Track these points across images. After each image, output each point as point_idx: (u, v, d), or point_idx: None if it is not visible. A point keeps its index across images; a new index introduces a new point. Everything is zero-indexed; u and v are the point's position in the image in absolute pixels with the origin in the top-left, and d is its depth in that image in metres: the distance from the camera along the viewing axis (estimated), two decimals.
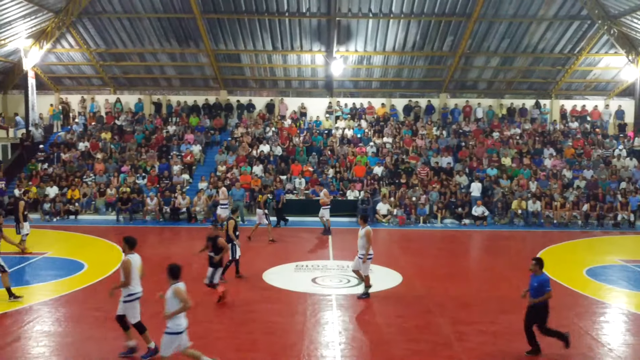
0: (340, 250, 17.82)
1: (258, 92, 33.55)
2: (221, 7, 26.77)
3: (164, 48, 29.60)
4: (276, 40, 28.80)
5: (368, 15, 27.13)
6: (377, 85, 32.91)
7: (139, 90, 33.27)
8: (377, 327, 10.74)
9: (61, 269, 15.31)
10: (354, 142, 28.95)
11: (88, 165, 27.08)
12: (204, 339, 9.95)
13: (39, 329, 10.52)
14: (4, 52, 28.59)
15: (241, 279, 13.99)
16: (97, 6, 27.02)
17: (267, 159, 27.31)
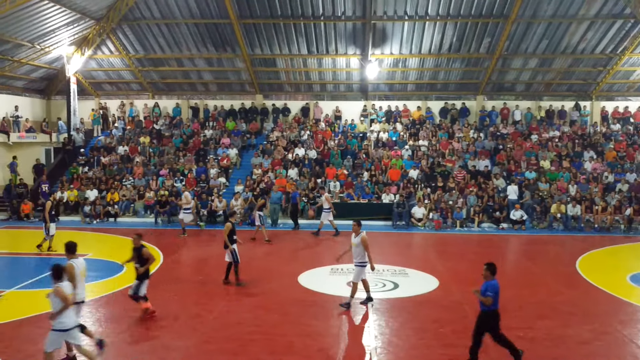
0: (376, 254, 17.60)
1: (293, 96, 33.71)
2: (257, 12, 27.00)
3: (201, 53, 30.01)
4: (311, 44, 28.90)
5: (404, 17, 26.99)
6: (412, 88, 32.70)
7: (176, 95, 33.79)
8: (414, 331, 10.64)
9: (101, 270, 15.63)
10: (389, 145, 28.81)
11: (127, 169, 27.64)
12: (239, 340, 10.03)
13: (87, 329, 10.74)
14: (49, 60, 29.41)
15: (228, 284, 13.79)
16: (136, 13, 27.57)
17: (302, 162, 27.41)
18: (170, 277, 14.73)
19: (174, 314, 11.45)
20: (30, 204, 24.84)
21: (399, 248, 19.59)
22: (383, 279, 14.39)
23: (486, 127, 30.32)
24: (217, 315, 11.43)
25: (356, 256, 11.99)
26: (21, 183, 26.85)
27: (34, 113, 31.43)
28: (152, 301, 11.75)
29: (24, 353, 9.23)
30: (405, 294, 13.10)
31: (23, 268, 16.42)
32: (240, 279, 13.76)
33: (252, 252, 18.51)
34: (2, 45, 25.75)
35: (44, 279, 14.64)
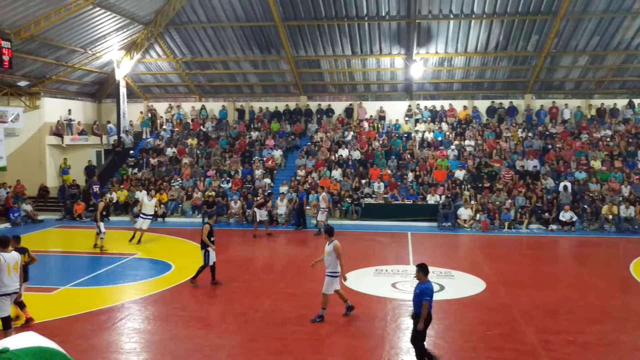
0: (420, 255, 17.59)
1: (337, 97, 33.78)
2: (301, 14, 27.17)
3: (247, 56, 30.38)
4: (355, 44, 28.89)
5: (449, 16, 26.70)
6: (458, 87, 32.29)
7: (223, 98, 34.32)
8: (460, 334, 10.52)
9: (150, 269, 16.02)
10: (435, 146, 28.53)
11: (175, 170, 28.21)
12: (284, 340, 10.12)
13: (130, 326, 11.05)
14: (99, 64, 30.31)
15: (217, 285, 13.85)
16: (183, 17, 28.12)
17: (345, 163, 27.42)
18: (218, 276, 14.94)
19: (221, 312, 11.64)
20: (82, 205, 25.64)
21: (444, 250, 19.39)
22: None
23: (534, 127, 29.68)
24: (262, 315, 11.56)
25: (328, 265, 11.13)
26: (74, 184, 27.77)
27: (86, 116, 32.46)
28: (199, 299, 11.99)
29: (78, 348, 9.54)
30: (451, 296, 12.95)
31: (76, 266, 16.96)
32: (197, 281, 13.76)
33: (296, 252, 18.67)
34: (57, 52, 26.68)
35: (97, 277, 15.12)
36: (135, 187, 26.56)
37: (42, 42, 25.00)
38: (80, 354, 9.31)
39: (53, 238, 22.43)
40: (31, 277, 15.22)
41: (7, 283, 9.41)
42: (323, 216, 21.33)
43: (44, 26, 23.31)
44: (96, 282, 14.57)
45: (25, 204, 25.29)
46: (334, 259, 11.06)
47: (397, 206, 24.30)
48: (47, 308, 12.21)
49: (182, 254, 17.95)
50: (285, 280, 14.60)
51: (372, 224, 23.27)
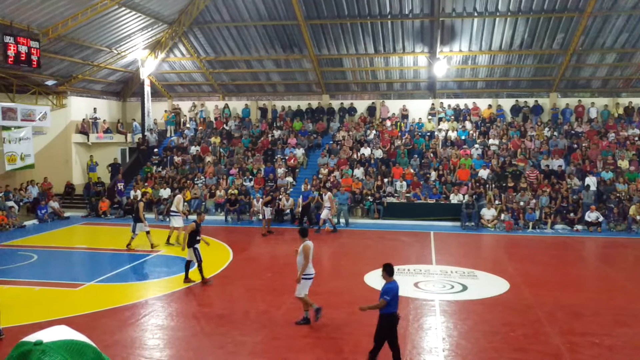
0: (443, 255, 17.49)
1: (359, 96, 33.69)
2: (324, 12, 27.15)
3: (269, 55, 30.46)
4: (378, 43, 28.78)
5: (473, 14, 26.45)
6: (482, 86, 31.98)
7: (246, 96, 34.47)
8: (483, 334, 10.43)
9: (173, 266, 16.15)
10: (458, 144, 28.31)
11: (199, 168, 28.43)
12: (306, 338, 10.14)
13: (154, 322, 11.16)
14: (124, 63, 30.66)
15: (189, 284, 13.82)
16: (207, 16, 28.29)
17: (367, 162, 27.35)
18: (240, 274, 15.04)
19: (244, 310, 11.69)
20: (107, 202, 25.99)
21: (467, 249, 19.23)
22: (451, 280, 14.17)
23: (560, 126, 29.27)
24: (284, 312, 11.59)
25: (299, 267, 10.96)
26: (99, 182, 28.15)
27: (111, 115, 32.86)
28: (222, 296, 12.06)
29: (103, 344, 9.66)
30: (474, 296, 12.85)
31: (101, 262, 17.18)
32: (190, 279, 13.81)
33: (318, 251, 18.66)
34: (83, 51, 27.05)
35: (121, 273, 15.31)
36: (159, 185, 26.83)
37: (69, 41, 25.37)
38: (105, 350, 9.38)
39: (78, 235, 22.76)
40: (57, 273, 15.52)
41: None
42: (328, 214, 21.35)
43: (71, 26, 23.65)
44: (120, 279, 14.76)
45: (52, 201, 25.72)
46: (302, 259, 10.84)
47: (419, 205, 24.17)
48: (73, 304, 12.40)
49: (205, 251, 18.03)
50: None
51: (394, 223, 23.18)
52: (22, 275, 14.98)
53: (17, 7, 21.35)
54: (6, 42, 21.21)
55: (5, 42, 21.20)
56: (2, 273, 15.04)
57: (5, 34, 21.24)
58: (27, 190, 25.83)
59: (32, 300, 12.73)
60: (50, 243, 19.79)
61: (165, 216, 24.87)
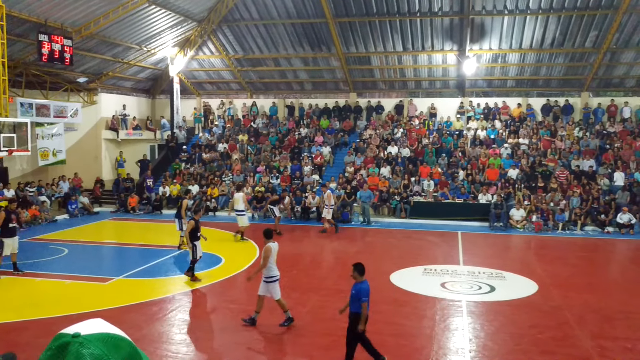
0: (471, 256, 17.31)
1: (387, 94, 33.52)
2: (352, 10, 27.07)
3: (297, 53, 30.50)
4: (407, 41, 28.59)
5: (503, 12, 26.09)
6: (512, 84, 31.53)
7: (273, 94, 34.57)
8: (510, 336, 10.29)
9: (200, 262, 16.26)
10: (487, 144, 27.98)
11: (226, 166, 28.64)
12: (332, 336, 10.11)
13: (181, 317, 11.27)
14: (154, 61, 31.02)
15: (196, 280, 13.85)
16: (236, 14, 28.44)
17: (394, 160, 27.21)
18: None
19: (270, 307, 11.71)
20: (136, 198, 26.34)
21: (496, 250, 19.00)
22: (479, 281, 14.02)
23: (591, 125, 28.70)
24: (310, 310, 11.59)
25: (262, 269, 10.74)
26: (128, 178, 28.54)
27: (140, 112, 33.27)
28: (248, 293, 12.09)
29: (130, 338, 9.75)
30: (502, 298, 12.69)
31: (129, 257, 17.40)
32: (195, 276, 13.82)
33: (344, 249, 18.64)
34: (114, 49, 27.44)
35: (149, 268, 15.49)
36: (187, 182, 27.11)
37: (100, 39, 25.76)
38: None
39: (108, 230, 23.10)
40: (87, 267, 15.78)
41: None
42: (329, 214, 21.11)
43: (103, 24, 24.00)
44: (148, 274, 14.93)
45: (82, 197, 26.17)
46: (267, 263, 10.58)
47: (447, 205, 23.97)
48: (101, 297, 12.59)
49: (232, 248, 18.19)
50: (333, 277, 14.61)
51: (421, 223, 23.03)
52: (53, 269, 15.27)
53: (52, 6, 21.76)
54: (41, 40, 21.64)
55: (40, 40, 21.62)
56: (35, 266, 15.35)
57: (40, 32, 21.67)
58: (59, 185, 26.32)
59: (63, 294, 12.96)
60: (80, 237, 20.14)
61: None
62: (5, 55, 20.18)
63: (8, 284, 13.79)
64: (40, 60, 22.26)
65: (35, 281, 13.98)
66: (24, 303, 12.29)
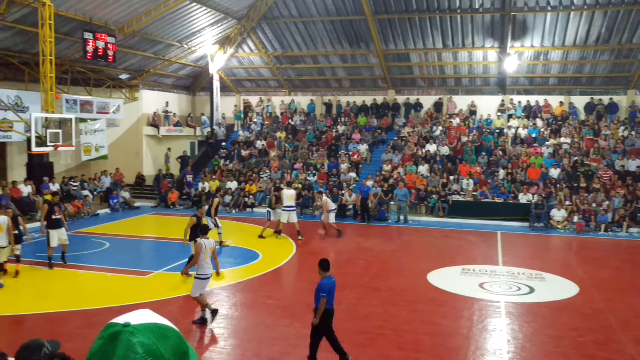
0: (510, 256, 17.04)
1: (426, 91, 33.19)
2: (392, 7, 26.89)
3: (336, 50, 30.47)
4: (447, 37, 28.26)
5: (546, 8, 25.53)
6: (554, 82, 30.83)
7: (311, 92, 34.64)
8: (550, 338, 10.09)
9: (239, 257, 16.47)
10: (528, 142, 27.46)
11: (264, 162, 28.86)
12: (367, 334, 10.11)
13: (219, 312, 11.41)
14: (194, 58, 31.44)
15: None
16: (275, 12, 28.59)
17: (433, 158, 26.96)
18: (303, 267, 15.16)
19: (306, 303, 11.75)
20: (176, 193, 26.78)
21: (535, 251, 18.66)
22: (518, 282, 13.79)
23: (638, 124, 27.85)
24: (345, 307, 11.59)
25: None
26: (168, 173, 29.03)
27: (181, 108, 33.78)
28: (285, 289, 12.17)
29: None
30: (541, 299, 12.46)
31: (169, 251, 17.69)
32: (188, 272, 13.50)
33: (381, 247, 18.58)
34: (155, 46, 27.92)
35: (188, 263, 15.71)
36: (226, 178, 27.46)
37: (142, 37, 26.24)
38: None
39: (148, 224, 23.54)
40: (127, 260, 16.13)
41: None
42: (332, 218, 19.98)
43: (145, 22, 24.44)
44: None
45: (123, 191, 26.74)
46: (199, 260, 10.49)
47: (486, 204, 23.63)
48: (141, 291, 12.86)
49: (269, 244, 18.32)
50: (369, 275, 14.57)
51: (460, 222, 22.77)
52: (95, 262, 15.66)
53: (97, 5, 22.27)
54: (86, 38, 22.17)
55: (85, 38, 22.16)
56: (78, 259, 15.77)
57: (85, 31, 22.21)
58: (101, 180, 26.97)
59: (105, 286, 13.28)
60: (121, 231, 20.58)
61: (232, 208, 25.43)
62: (53, 53, 20.73)
63: (53, 275, 14.21)
64: (85, 58, 22.81)
65: (78, 273, 14.37)
66: (68, 294, 12.65)
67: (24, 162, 23.31)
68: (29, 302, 11.99)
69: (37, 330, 10.26)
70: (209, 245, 10.60)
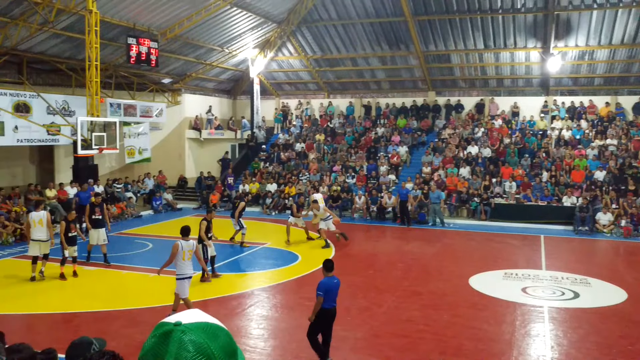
0: (554, 260, 16.66)
1: (467, 92, 32.76)
2: (432, 8, 26.66)
3: (375, 52, 30.37)
4: (488, 38, 27.84)
5: (592, 6, 24.88)
6: (600, 82, 30.00)
7: (350, 94, 34.60)
8: (596, 345, 9.81)
9: (278, 259, 16.57)
10: (572, 144, 26.82)
11: (303, 165, 28.98)
12: (408, 337, 10.03)
13: (259, 313, 11.51)
14: (235, 62, 31.80)
15: (217, 277, 14.03)
16: (315, 15, 28.68)
17: (474, 160, 26.59)
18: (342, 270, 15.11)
19: (345, 306, 11.73)
20: (217, 195, 27.11)
21: (580, 255, 18.20)
22: (562, 287, 13.47)
23: None
24: (386, 310, 11.54)
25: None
26: (209, 176, 29.43)
27: (222, 112, 34.20)
28: None
29: None
30: (587, 305, 12.13)
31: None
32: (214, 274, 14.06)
33: (421, 250, 18.42)
34: (197, 51, 28.35)
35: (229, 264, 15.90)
36: (266, 180, 27.68)
37: (184, 41, 26.68)
38: None
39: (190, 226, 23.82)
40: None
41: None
42: (330, 224, 19.17)
43: (186, 27, 24.83)
44: (228, 269, 15.33)
45: (166, 193, 27.22)
46: (177, 261, 10.61)
47: (529, 207, 23.17)
48: None
49: (309, 246, 18.35)
50: (410, 278, 14.46)
51: (502, 225, 22.38)
52: (138, 262, 15.98)
53: (140, 11, 22.75)
54: (129, 44, 22.67)
55: (129, 43, 22.66)
56: (122, 259, 16.12)
57: (129, 36, 22.72)
58: (144, 182, 27.51)
59: (148, 286, 13.53)
60: (164, 233, 20.91)
61: (272, 210, 25.62)
62: (98, 59, 21.27)
63: (98, 275, 14.56)
64: (129, 62, 23.32)
65: (122, 273, 14.69)
66: (112, 294, 12.94)
67: (70, 165, 23.96)
68: (75, 300, 12.32)
69: (83, 328, 10.52)
70: (187, 246, 10.77)
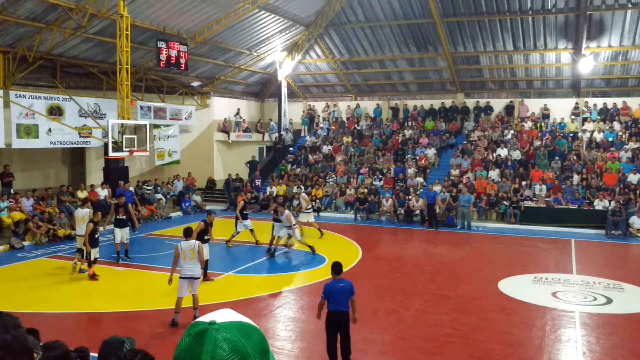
0: (585, 265, 16.37)
1: (496, 94, 32.40)
2: (461, 9, 26.45)
3: (403, 54, 30.24)
4: (518, 39, 27.50)
5: (626, 5, 24.37)
6: (634, 83, 29.37)
7: (377, 96, 34.53)
8: (631, 353, 9.60)
9: (305, 261, 16.59)
10: (605, 146, 26.31)
11: (330, 167, 29.00)
12: (435, 341, 9.96)
13: (286, 314, 11.55)
14: (263, 65, 31.99)
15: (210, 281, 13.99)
16: (342, 17, 28.69)
17: (504, 163, 26.28)
18: (369, 272, 15.10)
19: (373, 309, 11.71)
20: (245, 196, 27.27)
21: (613, 260, 17.84)
22: (594, 292, 13.22)
23: None
24: (413, 314, 11.47)
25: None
26: (237, 177, 29.65)
27: (250, 114, 34.45)
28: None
29: None
30: (620, 311, 11.88)
31: (239, 254, 18.05)
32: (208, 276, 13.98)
33: (449, 254, 18.27)
34: (225, 54, 28.60)
35: (257, 265, 15.99)
36: (293, 182, 27.77)
37: (212, 45, 26.94)
38: None
39: (218, 227, 24.01)
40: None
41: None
42: (311, 217, 20.37)
43: (215, 30, 25.07)
44: (256, 270, 15.44)
45: (195, 195, 27.50)
46: (177, 261, 10.89)
47: (560, 211, 22.81)
48: (212, 292, 13.15)
49: (336, 248, 18.35)
50: (438, 282, 14.35)
51: (532, 229, 22.07)
52: (168, 263, 16.11)
53: (170, 15, 23.05)
54: (159, 47, 22.97)
55: (159, 47, 22.97)
56: (151, 260, 16.34)
57: (159, 40, 23.03)
58: (173, 184, 27.83)
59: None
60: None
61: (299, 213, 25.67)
62: (129, 62, 21.60)
63: (128, 276, 14.78)
64: (159, 66, 23.64)
65: (151, 274, 14.88)
66: (141, 294, 13.11)
67: (101, 167, 24.38)
68: (106, 301, 12.52)
69: (113, 327, 10.69)
70: (187, 247, 10.92)
